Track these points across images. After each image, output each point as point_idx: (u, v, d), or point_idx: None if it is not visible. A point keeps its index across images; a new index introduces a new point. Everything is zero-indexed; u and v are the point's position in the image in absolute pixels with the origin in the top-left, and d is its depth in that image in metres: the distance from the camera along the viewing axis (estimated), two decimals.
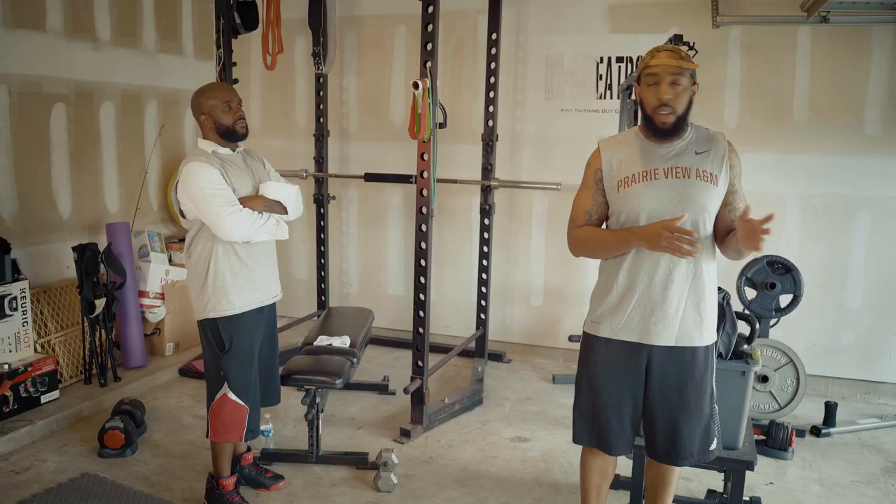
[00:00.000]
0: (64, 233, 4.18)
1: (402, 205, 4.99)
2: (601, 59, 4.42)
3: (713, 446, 2.28)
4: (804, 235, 4.18)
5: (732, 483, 2.44)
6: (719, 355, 2.33)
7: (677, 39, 3.26)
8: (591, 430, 2.37)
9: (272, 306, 2.87)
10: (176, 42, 4.90)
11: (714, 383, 2.28)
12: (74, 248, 3.86)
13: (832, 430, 3.65)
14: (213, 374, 2.74)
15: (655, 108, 2.16)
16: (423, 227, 3.50)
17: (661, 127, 2.19)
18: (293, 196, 2.74)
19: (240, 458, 3.06)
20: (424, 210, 3.50)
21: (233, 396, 2.70)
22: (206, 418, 2.78)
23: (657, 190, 2.19)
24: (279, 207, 2.69)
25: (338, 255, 5.22)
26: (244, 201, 2.61)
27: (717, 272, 4.43)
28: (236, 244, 2.63)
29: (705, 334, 2.22)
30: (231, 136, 2.68)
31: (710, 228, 2.22)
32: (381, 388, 4.14)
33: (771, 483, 3.15)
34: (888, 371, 4.13)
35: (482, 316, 4.65)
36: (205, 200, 2.53)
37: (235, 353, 2.69)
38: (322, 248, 4.98)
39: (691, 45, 3.28)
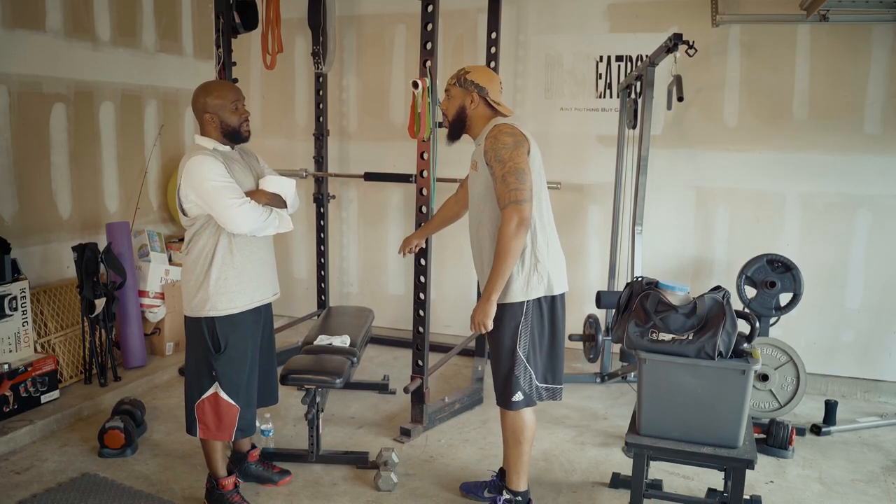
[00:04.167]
0: (64, 232, 4.18)
1: (402, 204, 4.99)
2: (601, 57, 4.42)
3: (516, 398, 2.62)
4: (804, 234, 4.18)
5: (733, 481, 2.44)
6: (720, 354, 2.33)
7: (677, 38, 3.25)
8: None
9: (269, 305, 2.87)
10: (176, 42, 4.90)
11: (520, 342, 2.58)
12: (74, 248, 3.86)
13: (832, 428, 3.65)
14: (201, 372, 2.70)
15: None
16: None
17: (444, 125, 2.76)
18: (292, 190, 2.74)
19: (246, 455, 3.07)
20: (424, 209, 3.50)
21: (224, 396, 2.69)
22: (188, 415, 2.75)
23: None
24: (280, 201, 2.69)
25: (338, 255, 5.22)
26: (247, 196, 2.60)
27: (718, 272, 4.41)
28: (238, 242, 2.63)
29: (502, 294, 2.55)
30: (235, 137, 2.67)
31: (488, 208, 2.58)
32: (382, 388, 4.14)
33: (771, 482, 3.16)
34: (888, 369, 4.13)
35: None
36: (213, 193, 2.51)
37: (230, 355, 2.68)
38: (322, 248, 4.98)
39: (691, 43, 3.28)
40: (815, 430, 3.65)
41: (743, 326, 2.44)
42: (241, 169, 2.68)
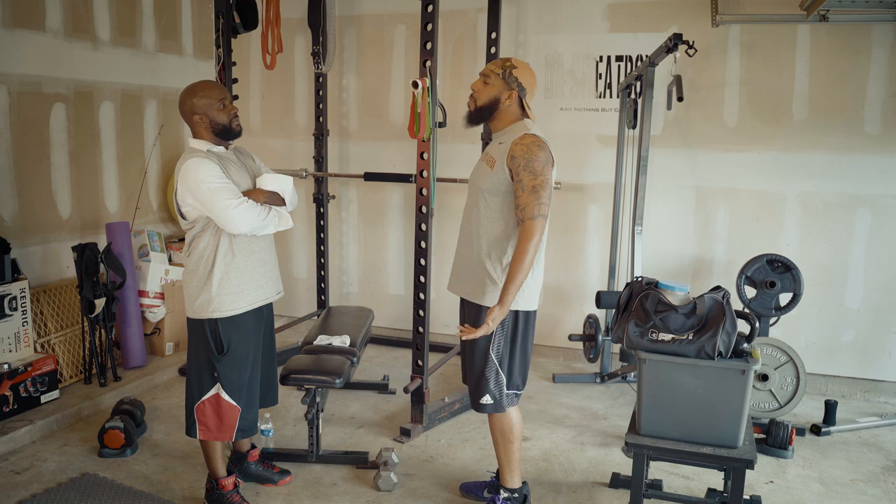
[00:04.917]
0: (64, 232, 4.18)
1: (401, 204, 4.99)
2: (601, 57, 4.42)
3: (484, 400, 2.66)
4: (804, 234, 4.18)
5: (732, 481, 2.44)
6: (719, 354, 2.33)
7: (677, 38, 3.25)
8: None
9: (270, 304, 2.87)
10: (176, 42, 4.90)
11: (494, 345, 2.61)
12: (74, 248, 3.86)
13: (832, 428, 3.65)
14: (203, 373, 2.70)
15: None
16: (423, 226, 3.51)
17: (468, 107, 2.68)
18: (290, 187, 2.74)
19: (246, 455, 3.07)
20: (424, 209, 3.50)
21: (226, 396, 2.69)
22: (188, 417, 2.75)
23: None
24: (278, 199, 2.69)
25: (338, 255, 5.22)
26: (245, 195, 2.61)
27: (718, 272, 4.41)
28: (239, 242, 2.63)
29: (485, 296, 2.60)
30: (227, 134, 2.66)
31: (489, 206, 2.59)
32: (381, 388, 4.14)
33: (771, 482, 3.16)
34: (888, 369, 4.13)
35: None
36: (209, 195, 2.51)
37: (232, 356, 2.68)
38: (322, 248, 4.98)
39: (691, 43, 3.28)
40: (815, 430, 3.65)
41: (743, 326, 2.44)
42: (237, 169, 2.67)
